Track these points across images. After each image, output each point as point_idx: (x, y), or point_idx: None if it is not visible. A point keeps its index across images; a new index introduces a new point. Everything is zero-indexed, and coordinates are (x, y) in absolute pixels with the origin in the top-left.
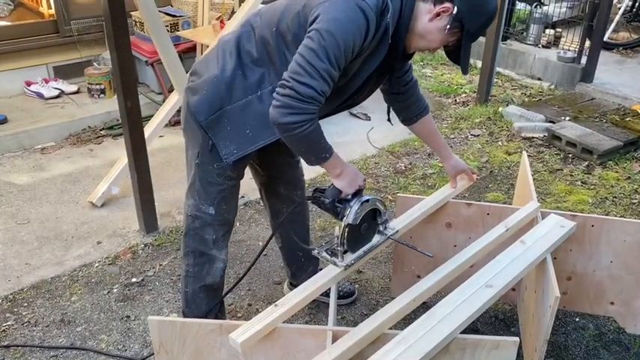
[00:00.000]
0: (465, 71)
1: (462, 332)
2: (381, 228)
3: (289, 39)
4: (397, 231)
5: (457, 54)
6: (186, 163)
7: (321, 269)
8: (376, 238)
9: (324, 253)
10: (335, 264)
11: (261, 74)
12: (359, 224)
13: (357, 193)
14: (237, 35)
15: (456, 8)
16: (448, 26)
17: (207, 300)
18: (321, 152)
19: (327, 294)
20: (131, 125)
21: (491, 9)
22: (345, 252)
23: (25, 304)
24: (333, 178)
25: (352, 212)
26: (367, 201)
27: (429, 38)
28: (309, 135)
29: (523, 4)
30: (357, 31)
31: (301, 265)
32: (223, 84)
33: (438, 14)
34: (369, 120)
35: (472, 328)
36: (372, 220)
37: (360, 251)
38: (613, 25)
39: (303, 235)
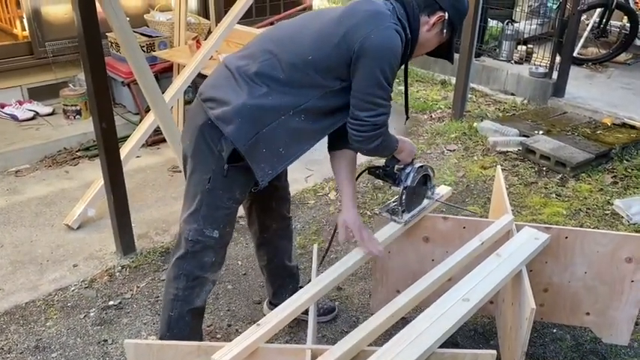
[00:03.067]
0: (452, 61)
1: (440, 346)
2: (429, 193)
3: (324, 66)
4: (442, 195)
5: (445, 50)
6: (188, 190)
7: (301, 287)
8: (426, 202)
9: (385, 213)
10: (395, 221)
11: (292, 95)
12: (415, 186)
13: (411, 162)
14: (259, 62)
15: (447, 14)
16: (444, 31)
17: (191, 323)
18: (393, 147)
19: (307, 312)
20: (107, 146)
21: (467, 4)
22: (403, 211)
23: None
24: (395, 154)
25: (410, 176)
26: (421, 167)
27: (427, 45)
28: (386, 143)
29: (495, 22)
30: (399, 51)
31: (283, 283)
32: (256, 110)
33: (434, 24)
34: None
35: (451, 341)
36: (423, 185)
37: (415, 211)
38: (582, 41)
39: (288, 251)
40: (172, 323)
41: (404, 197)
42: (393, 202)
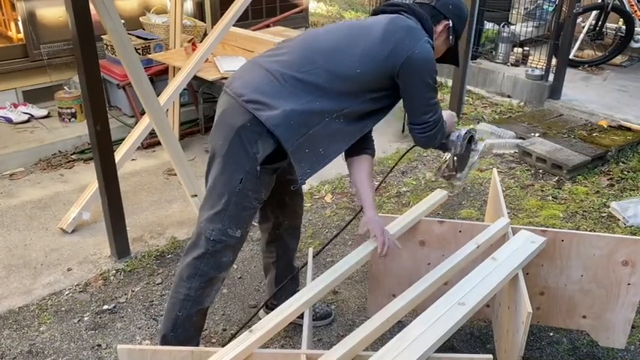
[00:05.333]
0: (459, 65)
1: (437, 350)
2: (473, 147)
3: (369, 79)
4: (484, 140)
5: (452, 55)
6: (213, 189)
7: (298, 290)
8: (473, 157)
9: (441, 178)
10: (452, 184)
11: (336, 101)
12: (463, 152)
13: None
14: (304, 71)
15: (450, 21)
16: (451, 37)
17: (197, 323)
18: (446, 132)
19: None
20: (101, 149)
21: (466, 11)
22: (456, 173)
23: None
24: None
25: (457, 145)
26: (466, 132)
27: (437, 52)
28: (444, 132)
29: (491, 24)
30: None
31: (284, 285)
32: (304, 114)
33: (440, 32)
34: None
35: (448, 345)
36: (469, 145)
37: (466, 169)
38: (578, 43)
39: (294, 251)
40: (179, 323)
41: (455, 163)
42: (445, 167)
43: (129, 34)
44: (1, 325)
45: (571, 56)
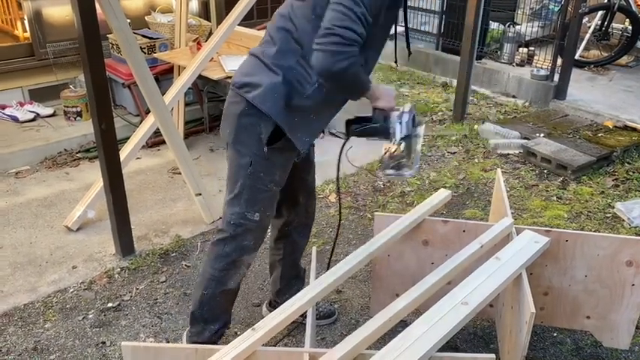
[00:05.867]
0: None
1: (439, 350)
2: (417, 130)
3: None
4: (422, 124)
5: None
6: (230, 175)
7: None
8: (416, 143)
9: (390, 170)
10: (404, 176)
11: (311, 67)
12: (411, 135)
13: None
14: (277, 42)
15: None
16: None
17: (222, 304)
18: (364, 85)
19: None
20: (106, 148)
21: None
22: (408, 162)
23: None
24: (374, 102)
25: (403, 128)
26: (410, 111)
27: None
28: (356, 75)
29: (497, 24)
30: None
31: (289, 283)
32: (285, 85)
33: None
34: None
35: (451, 345)
36: (412, 126)
37: (415, 152)
38: (584, 43)
39: (302, 251)
40: (204, 301)
41: (403, 149)
42: (390, 158)
43: (134, 33)
44: (7, 322)
45: (577, 56)
